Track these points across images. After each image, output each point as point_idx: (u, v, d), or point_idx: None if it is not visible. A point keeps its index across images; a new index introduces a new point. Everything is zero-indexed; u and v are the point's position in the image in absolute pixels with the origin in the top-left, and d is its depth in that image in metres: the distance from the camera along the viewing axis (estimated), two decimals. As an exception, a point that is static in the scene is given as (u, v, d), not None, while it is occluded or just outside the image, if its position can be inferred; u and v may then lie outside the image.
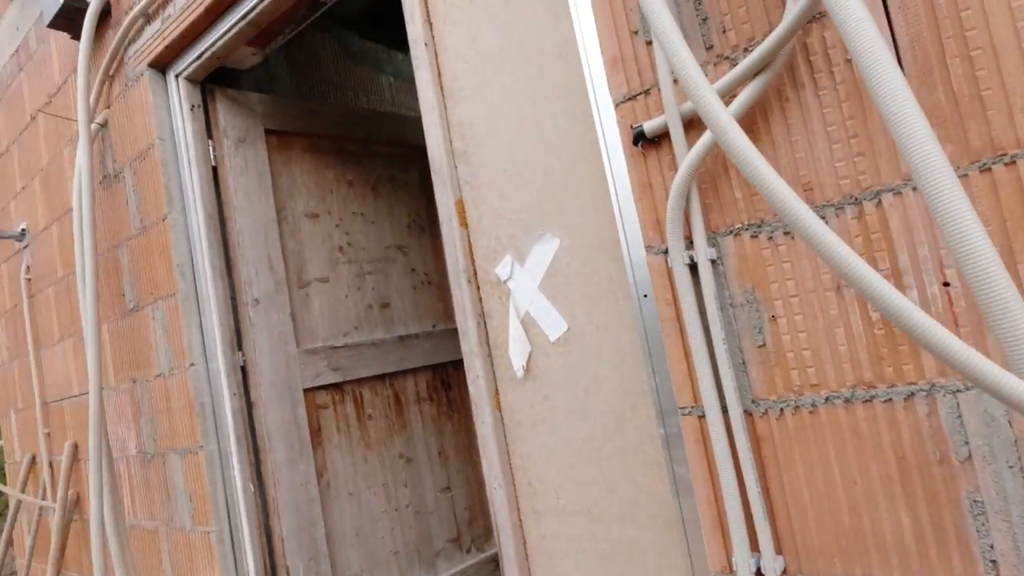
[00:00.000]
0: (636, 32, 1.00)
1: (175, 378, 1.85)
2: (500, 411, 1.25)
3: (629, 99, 1.01)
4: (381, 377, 2.28)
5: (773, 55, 0.84)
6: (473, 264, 1.28)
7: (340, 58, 2.90)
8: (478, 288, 1.28)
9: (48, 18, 1.94)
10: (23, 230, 2.52)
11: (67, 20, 1.92)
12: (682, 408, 0.96)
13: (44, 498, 2.46)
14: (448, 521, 2.38)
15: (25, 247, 2.54)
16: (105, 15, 1.96)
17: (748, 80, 0.87)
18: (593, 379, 1.12)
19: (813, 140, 0.85)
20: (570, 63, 1.13)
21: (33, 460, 2.61)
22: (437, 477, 2.36)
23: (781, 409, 0.88)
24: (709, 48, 0.94)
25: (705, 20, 0.94)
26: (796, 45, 0.86)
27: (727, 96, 0.89)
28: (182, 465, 1.85)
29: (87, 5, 1.88)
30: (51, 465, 2.47)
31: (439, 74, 1.34)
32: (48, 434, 2.46)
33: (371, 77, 3.01)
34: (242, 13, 1.70)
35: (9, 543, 2.80)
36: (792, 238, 0.87)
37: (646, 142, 0.98)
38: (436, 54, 1.34)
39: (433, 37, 1.35)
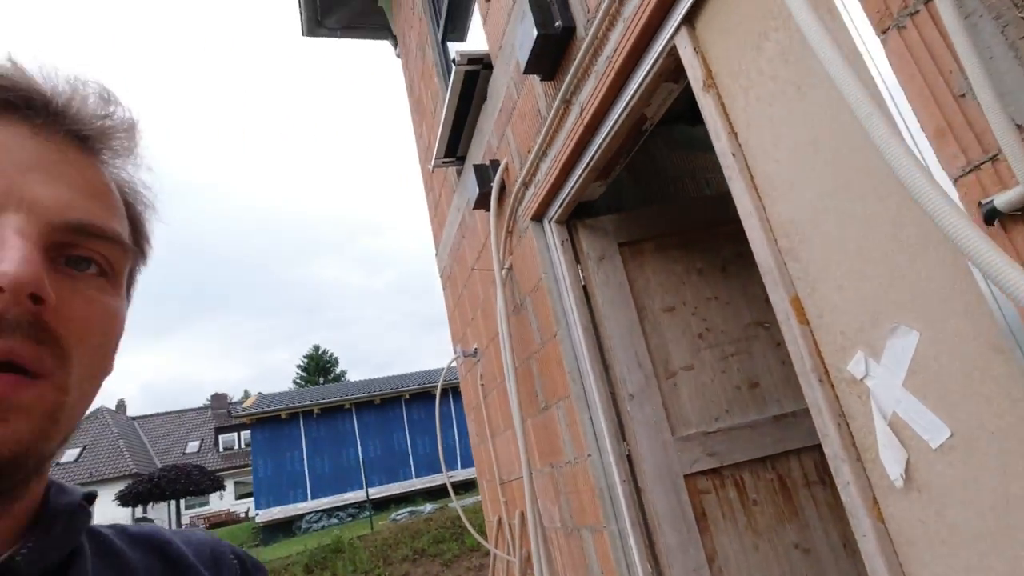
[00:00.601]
0: (963, 95, 0.88)
1: (579, 465, 2.24)
2: (883, 523, 1.12)
3: (970, 171, 0.87)
4: (761, 460, 2.23)
5: None
6: (822, 362, 1.23)
7: (673, 151, 3.15)
8: (832, 387, 1.21)
9: (472, 203, 2.79)
10: (475, 349, 3.53)
11: (482, 201, 2.72)
12: None
13: (508, 553, 3.22)
14: (873, 630, 2.06)
15: (478, 361, 3.53)
16: (502, 191, 2.70)
17: None
18: (1001, 498, 0.92)
19: None
20: (889, 141, 1.04)
21: (499, 522, 3.46)
22: (845, 573, 2.11)
23: None
24: (1073, 90, 0.75)
25: (1059, 58, 0.77)
26: None
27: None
28: (592, 540, 2.19)
29: (491, 189, 2.64)
30: (510, 527, 3.23)
31: (751, 178, 1.39)
32: (506, 503, 3.25)
33: (704, 158, 3.14)
34: (585, 163, 2.11)
35: (492, 582, 3.72)
36: None
37: (1003, 218, 0.82)
38: (745, 161, 1.40)
39: (739, 145, 1.42)
